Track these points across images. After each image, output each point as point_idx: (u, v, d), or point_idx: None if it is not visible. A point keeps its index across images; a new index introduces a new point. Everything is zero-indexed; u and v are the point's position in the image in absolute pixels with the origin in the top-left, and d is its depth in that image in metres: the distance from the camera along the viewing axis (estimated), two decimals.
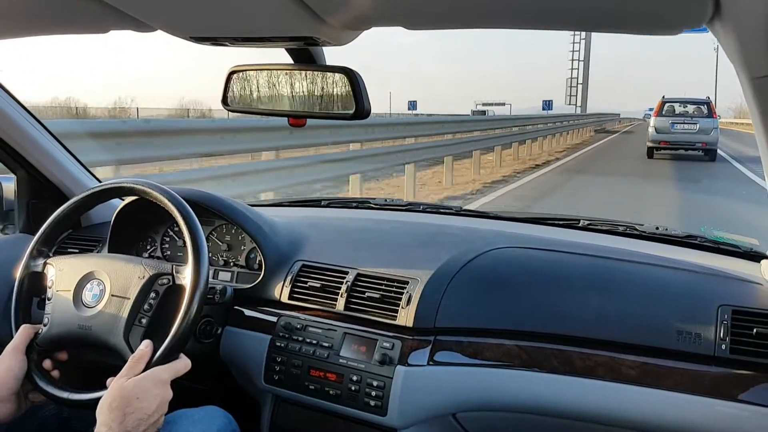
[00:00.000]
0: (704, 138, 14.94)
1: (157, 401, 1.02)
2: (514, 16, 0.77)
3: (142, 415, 0.99)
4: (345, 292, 1.33)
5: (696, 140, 15.08)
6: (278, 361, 1.32)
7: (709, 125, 15.08)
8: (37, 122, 1.61)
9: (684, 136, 15.17)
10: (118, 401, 1.00)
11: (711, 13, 0.66)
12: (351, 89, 0.98)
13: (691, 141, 15.14)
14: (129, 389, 1.01)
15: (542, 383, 1.19)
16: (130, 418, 0.98)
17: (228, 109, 1.09)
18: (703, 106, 15.96)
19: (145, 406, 1.00)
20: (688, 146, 15.24)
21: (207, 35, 0.90)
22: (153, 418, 1.01)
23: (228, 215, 1.48)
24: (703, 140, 14.97)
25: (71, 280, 1.22)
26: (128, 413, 0.99)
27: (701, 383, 1.10)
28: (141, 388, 1.02)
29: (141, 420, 0.99)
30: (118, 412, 0.98)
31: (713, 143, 15.02)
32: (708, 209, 8.34)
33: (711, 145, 14.97)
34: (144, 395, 1.01)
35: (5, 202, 1.75)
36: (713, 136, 14.97)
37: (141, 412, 1.00)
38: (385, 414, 1.21)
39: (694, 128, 15.19)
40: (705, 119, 15.36)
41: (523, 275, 1.32)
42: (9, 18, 0.96)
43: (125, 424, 0.98)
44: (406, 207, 1.90)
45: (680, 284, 1.26)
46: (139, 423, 0.99)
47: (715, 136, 15.02)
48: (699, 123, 15.21)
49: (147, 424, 1.00)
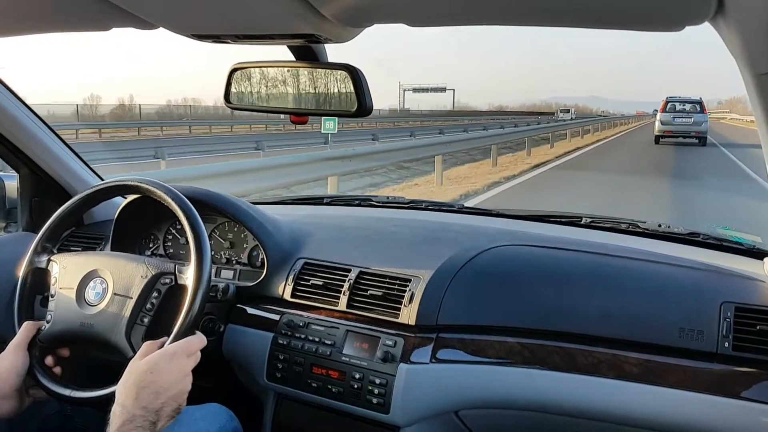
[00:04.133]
0: (697, 128, 20.92)
1: (172, 375, 1.01)
2: (516, 13, 0.77)
3: (157, 388, 0.98)
4: (347, 289, 1.33)
5: (691, 130, 20.97)
6: (281, 359, 1.33)
7: (701, 119, 21.09)
8: (39, 120, 1.61)
9: (682, 127, 21.16)
10: (131, 379, 1.00)
11: (714, 9, 0.66)
12: (353, 86, 0.97)
13: (687, 131, 21.05)
14: (141, 366, 1.01)
15: (545, 380, 1.18)
16: (144, 392, 0.98)
17: (230, 107, 1.09)
18: (697, 105, 21.75)
19: (158, 379, 0.99)
20: (685, 135, 21.08)
21: (209, 33, 0.90)
22: (171, 392, 1.00)
23: (230, 213, 1.48)
24: (696, 130, 20.93)
25: (74, 277, 1.22)
26: (142, 388, 0.98)
27: (704, 380, 1.10)
28: (153, 363, 1.01)
29: (157, 393, 0.98)
30: (132, 389, 0.98)
31: (704, 132, 21.00)
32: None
33: (702, 134, 20.93)
34: (155, 368, 1.00)
35: (8, 200, 1.76)
36: (704, 127, 21.02)
37: (155, 385, 0.99)
38: (387, 411, 1.21)
39: (690, 121, 21.13)
40: (698, 114, 21.32)
41: (526, 273, 1.32)
42: (12, 16, 0.96)
43: (140, 399, 0.97)
44: (408, 205, 1.90)
45: (683, 281, 1.26)
46: (155, 396, 0.98)
47: (705, 127, 21.14)
48: (693, 117, 21.15)
49: (165, 397, 0.99)
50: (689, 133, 20.94)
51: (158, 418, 0.97)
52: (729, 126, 48.86)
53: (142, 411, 0.96)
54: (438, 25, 0.83)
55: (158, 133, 27.75)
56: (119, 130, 29.11)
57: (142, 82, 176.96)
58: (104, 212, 1.73)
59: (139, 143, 18.05)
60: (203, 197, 1.44)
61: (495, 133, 16.73)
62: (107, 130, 28.41)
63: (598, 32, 0.94)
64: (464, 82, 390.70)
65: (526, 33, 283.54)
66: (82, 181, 1.72)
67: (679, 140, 21.06)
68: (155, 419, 0.97)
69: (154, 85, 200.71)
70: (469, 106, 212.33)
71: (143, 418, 0.95)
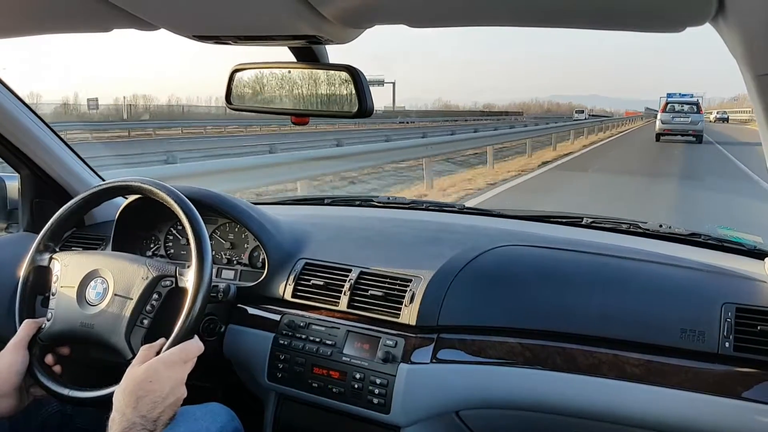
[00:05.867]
0: (694, 127, 23.02)
1: (171, 383, 1.02)
2: (517, 14, 0.77)
3: (155, 398, 0.99)
4: (348, 290, 1.34)
5: (689, 129, 23.08)
6: (281, 359, 1.33)
7: (697, 119, 23.25)
8: (40, 121, 1.61)
9: (681, 126, 23.33)
10: (130, 386, 1.00)
11: (714, 10, 0.66)
12: (354, 87, 0.97)
13: (685, 129, 23.17)
14: (140, 374, 1.01)
15: (545, 381, 1.18)
16: (143, 401, 0.98)
17: (231, 108, 1.09)
18: (694, 106, 24.18)
19: (157, 388, 1.00)
20: (683, 133, 23.18)
21: (210, 34, 0.90)
22: (169, 399, 1.01)
23: (231, 214, 1.48)
24: (693, 129, 23.02)
25: (76, 276, 1.22)
26: (141, 396, 0.98)
27: (705, 381, 1.10)
28: (152, 371, 1.02)
29: (155, 402, 0.99)
30: (131, 396, 0.98)
31: (700, 131, 23.07)
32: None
33: (698, 132, 22.97)
34: (155, 377, 1.01)
35: (9, 201, 1.76)
36: (700, 126, 23.16)
37: (154, 395, 0.99)
38: (388, 412, 1.21)
39: (688, 121, 23.25)
40: (695, 114, 23.53)
41: (527, 273, 1.32)
42: (13, 17, 0.96)
43: (139, 408, 0.97)
44: (409, 205, 1.90)
45: (684, 282, 1.26)
46: (154, 405, 0.99)
47: (701, 126, 23.28)
48: (691, 117, 23.33)
49: (163, 405, 1.00)
50: (687, 131, 23.08)
51: (155, 427, 0.98)
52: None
53: (141, 420, 0.97)
54: (439, 26, 0.83)
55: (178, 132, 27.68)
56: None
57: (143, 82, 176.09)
58: (105, 213, 1.73)
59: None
60: (204, 198, 1.44)
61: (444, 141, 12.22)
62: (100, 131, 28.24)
63: (597, 31, 0.93)
64: (451, 79, 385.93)
65: (523, 32, 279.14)
66: (83, 182, 1.72)
67: (677, 137, 23.27)
68: (153, 428, 0.98)
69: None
70: (450, 105, 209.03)
71: (142, 426, 0.96)
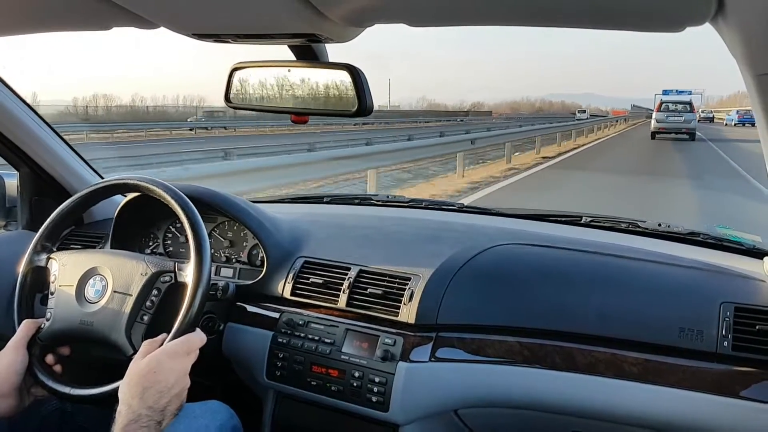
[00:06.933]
0: (687, 126, 24.80)
1: (175, 373, 1.03)
2: (516, 14, 0.77)
3: (161, 388, 1.00)
4: (347, 288, 1.34)
5: (682, 127, 24.81)
6: (280, 357, 1.33)
7: (690, 117, 25.12)
8: (40, 119, 1.61)
9: (674, 125, 25.03)
10: (135, 379, 1.01)
11: (714, 10, 0.66)
12: (354, 86, 0.97)
13: (679, 128, 24.90)
14: (143, 366, 1.02)
15: (544, 380, 1.19)
16: (149, 392, 0.99)
17: (231, 107, 1.09)
18: (687, 105, 25.84)
19: (162, 378, 1.01)
20: (677, 131, 24.91)
21: (209, 32, 0.90)
22: (174, 390, 1.02)
23: (230, 212, 1.48)
24: (686, 127, 24.80)
25: (74, 275, 1.22)
26: (146, 387, 0.99)
27: (703, 380, 1.10)
28: (156, 362, 1.02)
29: (161, 393, 1.00)
30: (136, 388, 0.99)
31: (693, 129, 25.05)
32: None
33: (691, 130, 24.91)
34: (159, 368, 1.02)
35: (8, 198, 1.75)
36: (693, 124, 25.08)
37: (160, 385, 1.00)
38: (387, 410, 1.21)
39: (681, 119, 24.95)
40: (688, 113, 25.26)
41: (526, 272, 1.32)
42: (12, 15, 0.96)
43: (145, 399, 0.98)
44: (408, 204, 1.90)
45: (682, 281, 1.26)
46: (160, 396, 1.00)
47: (694, 125, 25.23)
48: (684, 116, 25.03)
49: (168, 396, 1.00)
50: (680, 129, 24.84)
51: (163, 417, 0.99)
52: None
53: (148, 410, 0.97)
54: (439, 25, 0.83)
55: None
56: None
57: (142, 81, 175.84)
58: (104, 211, 1.73)
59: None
60: (203, 196, 1.44)
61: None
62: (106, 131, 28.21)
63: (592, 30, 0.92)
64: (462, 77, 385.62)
65: (516, 30, 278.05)
66: (82, 180, 1.72)
67: (672, 135, 25.00)
68: (160, 418, 0.98)
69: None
70: (436, 104, 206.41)
71: (149, 417, 0.97)
